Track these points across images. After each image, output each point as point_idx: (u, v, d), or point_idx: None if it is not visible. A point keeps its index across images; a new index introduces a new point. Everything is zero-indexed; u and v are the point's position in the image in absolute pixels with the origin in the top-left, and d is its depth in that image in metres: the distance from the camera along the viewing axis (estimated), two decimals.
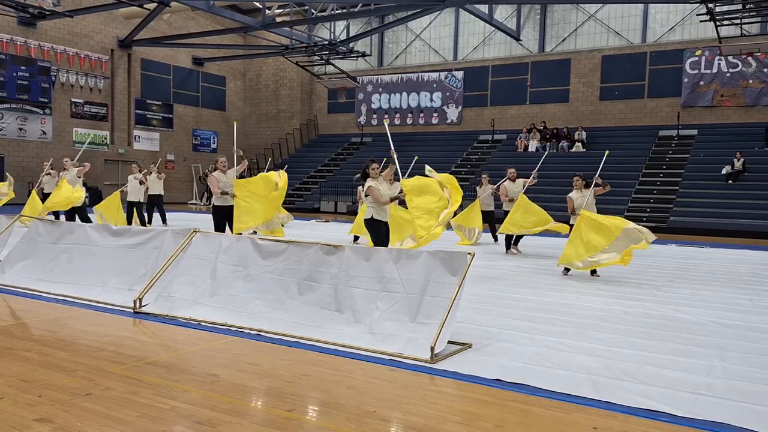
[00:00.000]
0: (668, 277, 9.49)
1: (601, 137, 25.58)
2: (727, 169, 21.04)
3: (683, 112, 24.56)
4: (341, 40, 26.60)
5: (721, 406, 3.88)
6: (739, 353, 5.12)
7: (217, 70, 33.25)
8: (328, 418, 3.69)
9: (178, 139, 31.60)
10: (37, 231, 8.01)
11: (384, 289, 5.48)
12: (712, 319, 6.44)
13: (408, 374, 4.50)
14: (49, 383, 4.11)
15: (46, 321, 5.96)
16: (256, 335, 5.46)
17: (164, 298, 6.35)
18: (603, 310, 6.78)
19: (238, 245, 6.52)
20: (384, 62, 31.89)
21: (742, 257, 12.58)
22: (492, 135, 28.05)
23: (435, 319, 5.01)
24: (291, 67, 31.63)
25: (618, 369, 4.61)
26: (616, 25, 26.21)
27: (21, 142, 25.15)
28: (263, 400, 4.03)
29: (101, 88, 27.94)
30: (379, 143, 30.85)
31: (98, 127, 27.99)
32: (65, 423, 3.46)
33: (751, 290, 8.40)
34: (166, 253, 6.83)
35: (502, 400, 3.99)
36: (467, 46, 29.59)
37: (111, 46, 28.19)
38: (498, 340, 5.35)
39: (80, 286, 7.05)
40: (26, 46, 25.01)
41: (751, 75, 23.54)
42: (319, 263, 5.93)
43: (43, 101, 25.48)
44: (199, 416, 3.61)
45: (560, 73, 27.07)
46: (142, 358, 4.77)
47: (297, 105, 33.45)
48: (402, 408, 3.83)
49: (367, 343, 5.10)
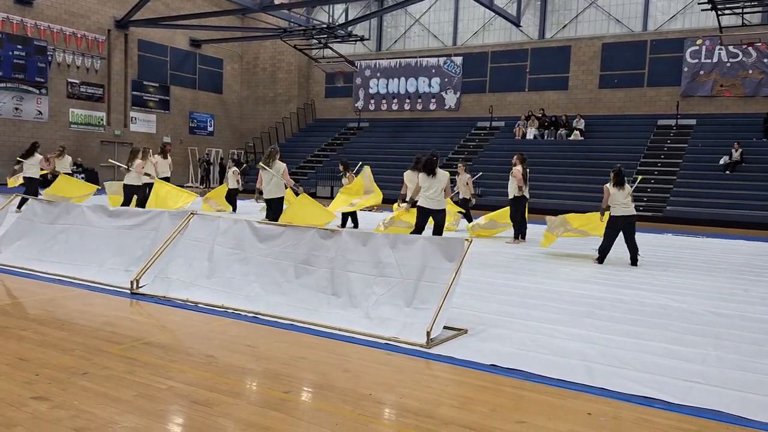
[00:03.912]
0: (664, 266, 9.52)
1: (599, 125, 25.56)
2: (724, 160, 21.05)
3: (682, 102, 24.53)
4: (340, 23, 26.41)
5: (715, 394, 3.91)
6: (733, 342, 5.15)
7: (214, 52, 33.04)
8: (324, 400, 3.71)
9: (175, 122, 31.45)
10: (34, 211, 7.99)
11: (381, 274, 5.49)
12: (708, 308, 6.47)
13: (404, 358, 4.52)
14: (46, 362, 4.12)
15: (43, 300, 5.96)
16: (253, 318, 5.47)
17: (161, 279, 6.35)
18: (598, 297, 6.81)
19: (235, 228, 6.51)
20: (382, 47, 31.73)
21: (738, 247, 12.62)
22: (490, 122, 27.99)
23: (431, 305, 5.02)
24: (289, 51, 31.43)
25: (613, 356, 4.63)
26: (617, 13, 26.10)
27: (17, 122, 25.00)
28: (260, 381, 4.05)
29: (98, 68, 27.74)
30: (377, 129, 30.78)
31: (94, 108, 27.82)
32: (62, 401, 3.47)
33: (746, 280, 8.44)
34: (164, 235, 6.82)
35: (496, 385, 4.01)
36: (467, 31, 29.44)
37: (108, 26, 27.96)
38: (493, 326, 5.37)
39: (77, 266, 7.04)
40: (22, 25, 24.79)
41: (751, 65, 23.50)
42: (316, 247, 5.93)
43: (39, 81, 25.29)
44: (196, 396, 3.62)
45: (560, 61, 26.97)
46: (139, 338, 4.78)
47: (294, 89, 33.29)
48: (397, 391, 3.85)
49: (364, 327, 5.11)
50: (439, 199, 8.97)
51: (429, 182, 8.97)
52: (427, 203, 9.00)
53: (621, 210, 9.43)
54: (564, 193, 21.48)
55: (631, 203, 9.56)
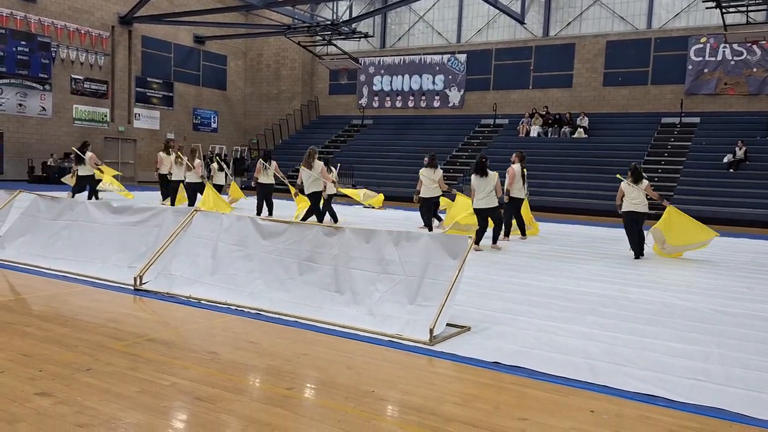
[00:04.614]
0: (668, 264, 9.51)
1: (603, 123, 25.51)
2: (728, 158, 20.99)
3: (686, 100, 24.46)
4: (344, 20, 26.37)
5: (718, 392, 3.90)
6: (737, 340, 5.14)
7: (218, 48, 33.03)
8: (327, 396, 3.71)
9: (179, 118, 31.46)
10: (38, 207, 8.01)
11: (384, 271, 5.48)
12: (711, 306, 6.45)
13: (407, 355, 4.52)
14: (50, 358, 4.13)
15: (47, 297, 5.97)
16: (256, 314, 5.48)
17: (165, 276, 6.36)
18: (602, 295, 6.80)
19: (238, 225, 6.52)
20: (386, 44, 31.69)
21: (742, 246, 12.59)
22: (494, 119, 27.94)
23: (434, 302, 5.02)
24: (293, 47, 31.42)
25: (616, 354, 4.63)
26: (622, 10, 26.02)
27: (21, 118, 25.03)
28: (263, 377, 4.05)
29: (101, 64, 27.76)
30: (380, 126, 30.76)
31: (98, 104, 27.85)
32: (66, 397, 3.48)
33: (750, 279, 8.42)
34: (167, 232, 6.83)
35: (499, 383, 4.01)
36: (471, 28, 29.39)
37: (111, 22, 27.97)
38: (496, 324, 5.37)
39: (80, 262, 7.05)
40: (26, 21, 24.81)
41: (755, 63, 23.41)
42: (320, 244, 5.93)
43: (42, 77, 25.31)
44: (199, 392, 3.63)
45: (564, 58, 26.91)
46: (142, 334, 4.79)
47: (298, 86, 33.28)
48: (400, 388, 3.85)
49: (367, 324, 5.11)
50: (492, 198, 9.95)
51: (481, 183, 9.89)
52: (482, 204, 9.97)
53: (630, 206, 9.94)
54: (567, 190, 21.44)
55: (644, 201, 9.99)
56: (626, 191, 9.95)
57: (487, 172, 9.91)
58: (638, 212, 9.88)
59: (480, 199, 9.94)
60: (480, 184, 9.92)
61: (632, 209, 9.86)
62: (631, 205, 9.87)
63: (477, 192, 9.95)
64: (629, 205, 9.90)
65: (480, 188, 9.91)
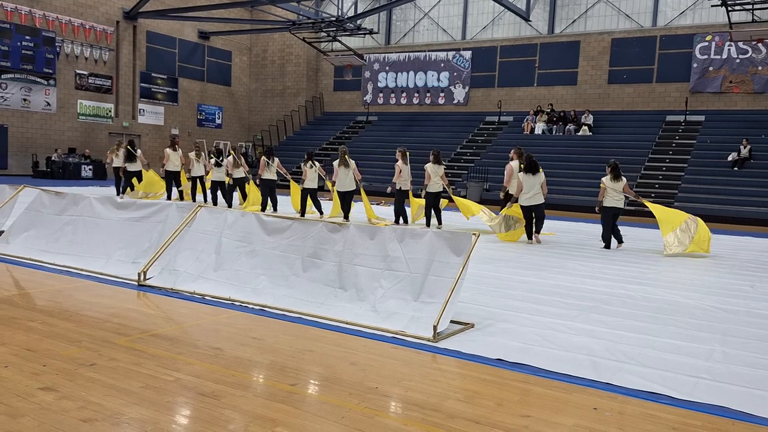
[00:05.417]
0: (671, 261, 9.49)
1: (608, 121, 25.46)
2: (733, 156, 20.94)
3: (691, 98, 24.40)
4: (349, 16, 26.35)
5: (721, 390, 3.90)
6: (740, 338, 5.13)
7: (223, 44, 33.05)
8: (330, 392, 3.72)
9: (183, 114, 31.51)
10: (42, 202, 8.02)
11: (388, 268, 5.49)
12: (714, 304, 6.45)
13: (410, 352, 4.52)
14: (54, 353, 4.14)
15: (51, 292, 5.99)
16: (260, 310, 5.49)
17: (169, 271, 6.37)
18: (605, 293, 6.79)
19: (242, 221, 6.52)
20: (391, 40, 31.65)
21: (746, 244, 12.57)
22: (498, 116, 27.92)
23: (438, 299, 5.02)
24: (297, 44, 31.42)
25: (619, 351, 4.63)
26: (627, 8, 25.95)
27: (25, 113, 25.10)
28: (266, 374, 4.06)
29: (106, 60, 27.81)
30: (385, 122, 30.74)
31: (103, 99, 27.91)
32: (70, 392, 3.49)
33: (753, 276, 8.41)
34: (171, 227, 6.84)
35: (503, 380, 4.01)
36: (476, 25, 29.34)
37: (116, 17, 28.01)
38: (500, 321, 5.37)
39: (85, 257, 7.07)
40: (31, 16, 24.85)
41: (760, 62, 23.33)
42: (324, 240, 5.93)
43: (47, 72, 25.36)
44: (202, 388, 3.64)
45: (569, 56, 26.86)
46: (146, 330, 4.80)
47: (303, 82, 33.27)
48: (404, 385, 3.85)
49: (370, 320, 5.12)
50: (539, 195, 10.42)
51: (531, 180, 10.32)
52: (531, 201, 10.37)
53: (612, 202, 10.34)
54: (572, 188, 21.42)
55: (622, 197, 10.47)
56: (609, 187, 10.30)
57: (538, 169, 10.38)
58: (619, 207, 10.36)
59: (529, 197, 10.34)
60: (529, 181, 10.32)
61: (614, 204, 10.29)
62: (614, 201, 10.27)
63: (525, 189, 10.31)
64: (612, 201, 10.28)
65: (529, 185, 10.30)
